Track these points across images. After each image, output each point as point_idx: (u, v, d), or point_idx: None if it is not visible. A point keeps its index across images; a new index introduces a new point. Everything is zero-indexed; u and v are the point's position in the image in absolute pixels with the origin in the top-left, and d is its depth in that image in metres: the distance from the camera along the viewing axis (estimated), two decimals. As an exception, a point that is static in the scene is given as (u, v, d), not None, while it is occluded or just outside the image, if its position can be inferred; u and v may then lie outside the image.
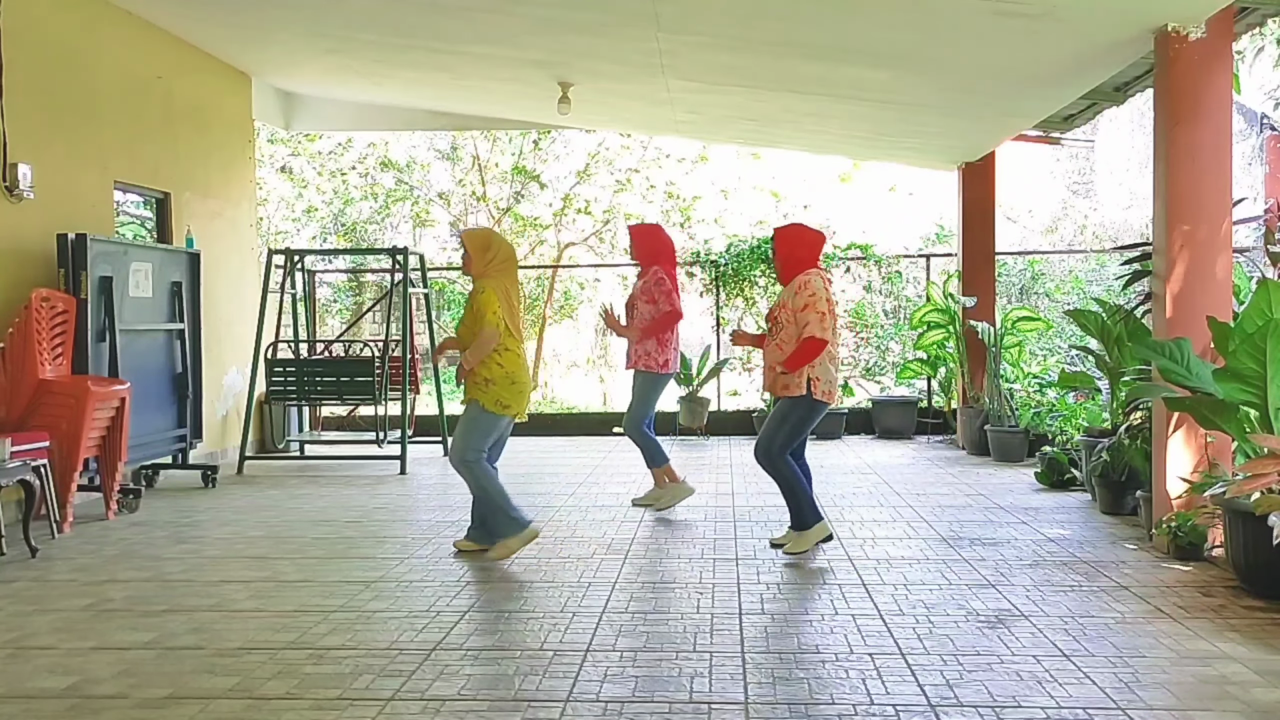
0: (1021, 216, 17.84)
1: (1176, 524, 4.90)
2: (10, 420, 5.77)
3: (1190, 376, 4.77)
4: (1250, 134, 13.70)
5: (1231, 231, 5.17)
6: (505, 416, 5.10)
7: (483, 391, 5.04)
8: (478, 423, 5.06)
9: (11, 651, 3.76)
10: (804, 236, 5.24)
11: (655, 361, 6.28)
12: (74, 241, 6.39)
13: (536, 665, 3.54)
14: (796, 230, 5.29)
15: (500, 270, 5.11)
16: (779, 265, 5.25)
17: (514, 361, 5.09)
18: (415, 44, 7.46)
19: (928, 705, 3.16)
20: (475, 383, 5.07)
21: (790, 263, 5.17)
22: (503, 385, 5.04)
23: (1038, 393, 8.86)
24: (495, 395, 5.03)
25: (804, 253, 5.17)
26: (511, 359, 5.08)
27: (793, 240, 5.22)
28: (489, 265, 5.10)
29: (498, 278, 5.09)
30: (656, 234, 6.58)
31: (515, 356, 5.10)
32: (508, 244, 5.26)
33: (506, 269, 5.15)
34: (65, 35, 6.77)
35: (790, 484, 5.09)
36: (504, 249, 5.19)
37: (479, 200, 14.97)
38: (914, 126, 8.59)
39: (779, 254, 5.24)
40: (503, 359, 5.05)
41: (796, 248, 5.18)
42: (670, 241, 6.59)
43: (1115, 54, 5.74)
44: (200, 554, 5.34)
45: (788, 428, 5.04)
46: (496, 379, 5.03)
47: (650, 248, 6.45)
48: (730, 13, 5.81)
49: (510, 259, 5.19)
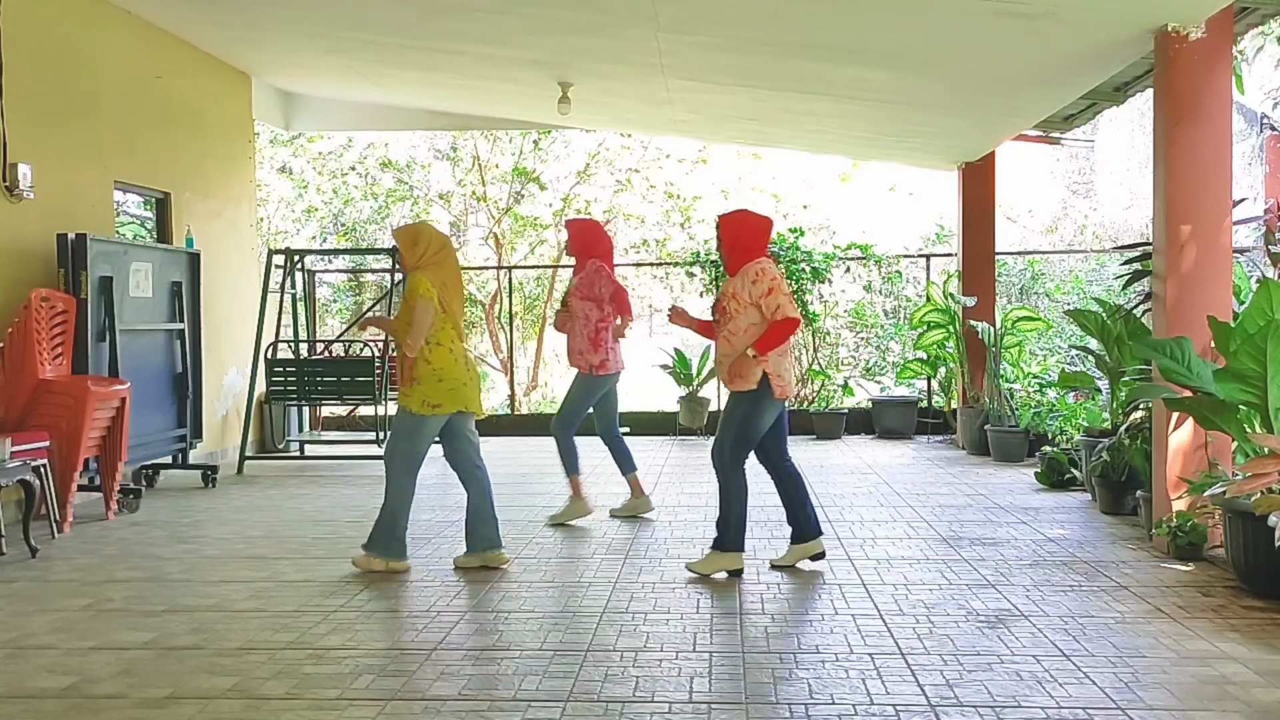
0: (1021, 216, 17.83)
1: (1176, 524, 4.90)
2: (10, 420, 5.77)
3: (1191, 376, 4.77)
4: (1250, 134, 13.69)
5: (1231, 231, 5.17)
6: (437, 416, 4.82)
7: (408, 394, 4.80)
8: (404, 424, 4.84)
9: (11, 651, 3.76)
10: (750, 223, 4.90)
11: (585, 363, 6.01)
12: (74, 241, 6.39)
13: (536, 665, 3.54)
14: (742, 216, 4.95)
15: (434, 262, 4.87)
16: (725, 253, 4.88)
17: (444, 358, 4.80)
18: (415, 44, 7.46)
19: (928, 705, 3.16)
20: (403, 382, 4.84)
21: (737, 250, 4.83)
22: (429, 383, 4.77)
23: (1038, 393, 8.85)
24: (421, 395, 4.77)
25: (750, 240, 4.85)
26: (441, 355, 4.80)
27: (738, 227, 4.87)
28: (421, 259, 4.86)
29: (433, 270, 4.86)
30: (594, 229, 6.33)
31: (446, 352, 4.81)
32: (440, 236, 5.01)
33: (441, 261, 4.90)
34: (65, 35, 6.77)
35: (732, 496, 4.77)
36: (435, 241, 4.93)
37: (479, 200, 14.96)
38: (914, 126, 8.59)
39: (725, 242, 4.87)
40: (432, 355, 4.78)
41: (742, 235, 4.84)
42: (609, 239, 6.32)
43: (1115, 54, 5.74)
44: (200, 554, 5.34)
45: (735, 424, 4.74)
46: (422, 377, 4.77)
47: (587, 240, 6.16)
48: (730, 13, 5.81)
49: (444, 250, 4.94)
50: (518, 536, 5.67)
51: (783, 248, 10.57)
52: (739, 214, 4.98)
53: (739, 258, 4.82)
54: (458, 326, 4.92)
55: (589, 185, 14.80)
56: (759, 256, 4.83)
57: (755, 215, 4.97)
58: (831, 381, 10.64)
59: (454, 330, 4.88)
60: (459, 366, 4.86)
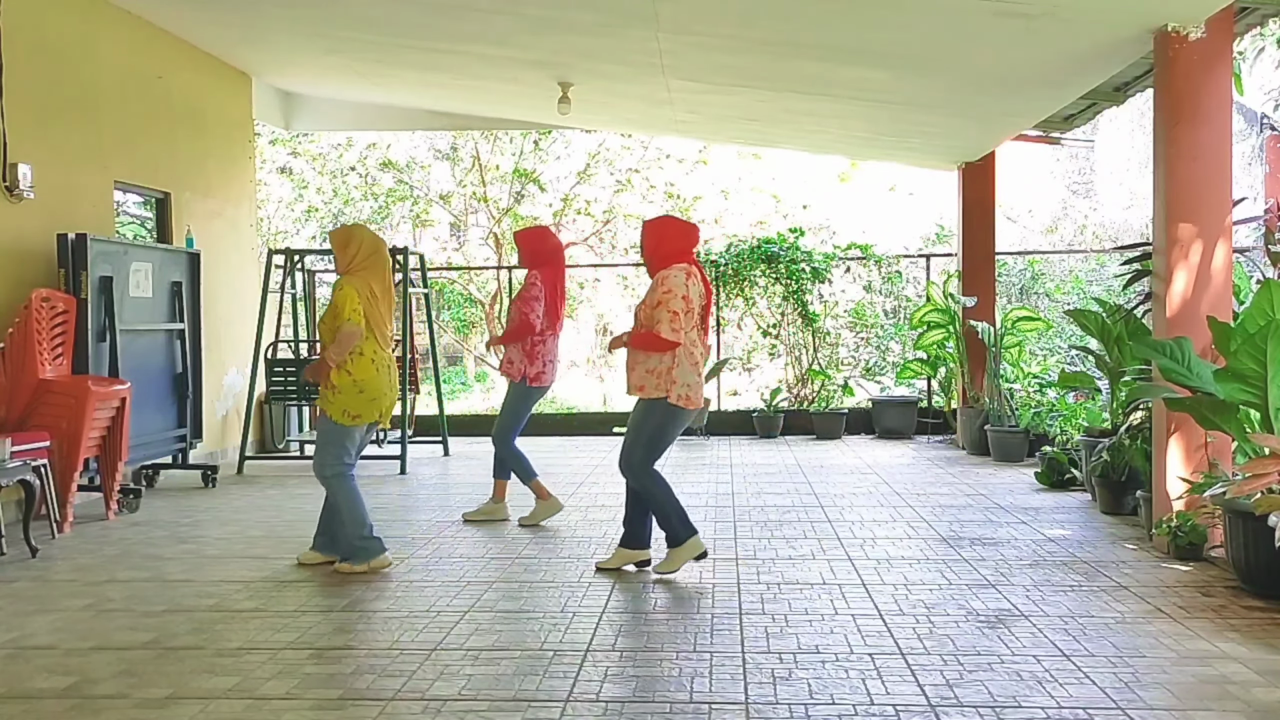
0: (1021, 216, 17.84)
1: (1176, 524, 4.90)
2: (10, 420, 5.77)
3: (1191, 376, 4.77)
4: (1250, 134, 13.70)
5: (1232, 231, 5.17)
6: (357, 427, 4.84)
7: (329, 401, 4.80)
8: (328, 435, 4.84)
9: (12, 651, 3.76)
10: (669, 229, 4.86)
11: (517, 372, 5.96)
12: (74, 241, 6.40)
13: (536, 665, 3.54)
14: (663, 222, 4.92)
15: (365, 266, 4.85)
16: (646, 259, 4.86)
17: (364, 368, 4.79)
18: (415, 44, 7.46)
19: (928, 705, 3.16)
20: (324, 389, 4.83)
21: (655, 257, 4.79)
22: (349, 394, 4.78)
23: (1038, 393, 8.86)
24: (341, 405, 4.78)
25: (669, 247, 4.79)
26: (362, 365, 4.79)
27: (658, 233, 4.83)
28: (352, 262, 4.85)
29: (362, 275, 4.83)
30: (542, 237, 6.21)
31: (368, 362, 4.80)
32: (372, 239, 4.96)
33: (372, 265, 4.87)
34: (65, 35, 6.78)
35: (657, 499, 4.76)
36: (367, 244, 4.90)
37: (479, 201, 14.97)
38: (914, 126, 8.59)
39: (645, 248, 4.85)
40: (353, 365, 4.77)
41: (661, 241, 4.80)
42: (557, 244, 6.23)
43: (1115, 54, 5.74)
44: (200, 554, 5.34)
45: (647, 434, 4.72)
46: (342, 387, 4.77)
47: (532, 250, 6.08)
48: (730, 13, 5.81)
49: (375, 253, 4.90)
50: (517, 537, 5.68)
51: (783, 248, 10.59)
52: (660, 220, 4.97)
53: (657, 264, 4.81)
54: (383, 335, 4.91)
55: (589, 185, 14.82)
56: (677, 263, 4.78)
57: (677, 221, 4.98)
58: (831, 381, 10.64)
59: (378, 339, 4.88)
60: (380, 377, 4.87)
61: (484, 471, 8.18)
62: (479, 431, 10.70)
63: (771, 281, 10.72)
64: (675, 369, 4.69)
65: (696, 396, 4.77)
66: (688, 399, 4.72)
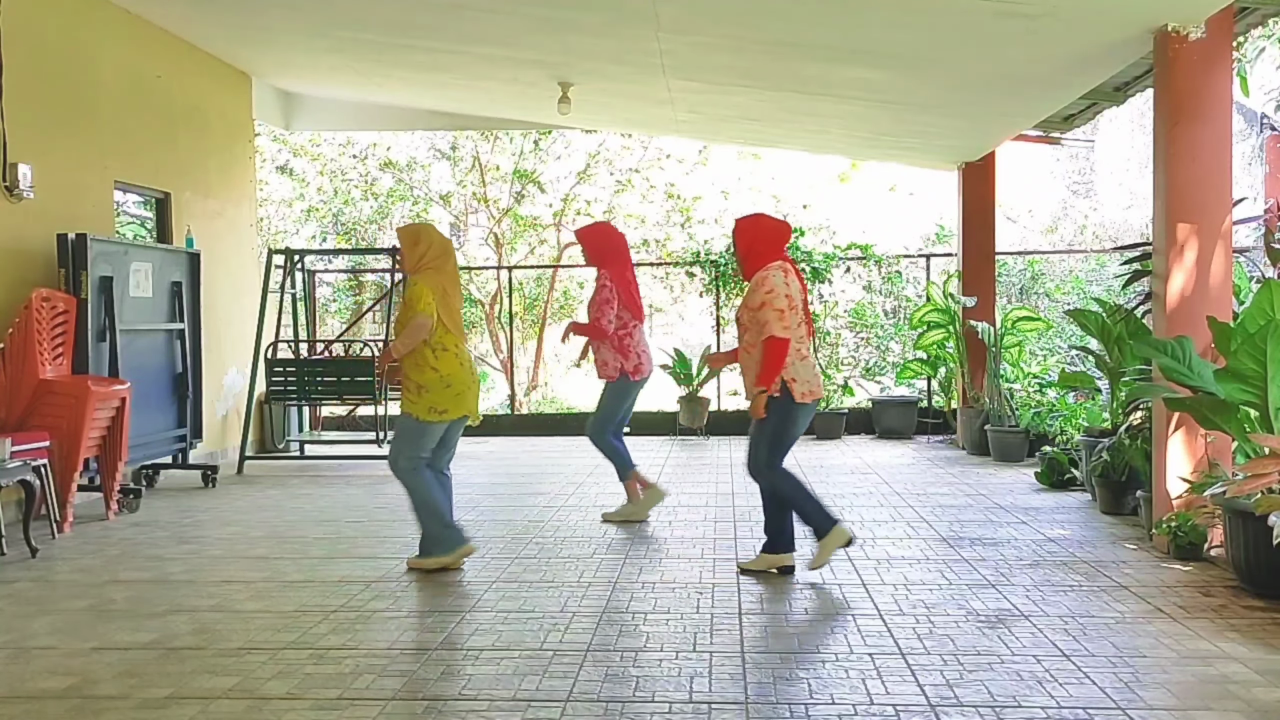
0: (1021, 216, 17.84)
1: (1176, 524, 4.90)
2: (10, 420, 5.77)
3: (1191, 376, 4.77)
4: (1250, 134, 13.70)
5: (1232, 231, 5.17)
6: (442, 423, 4.84)
7: (413, 401, 4.80)
8: (408, 431, 4.84)
9: (12, 652, 3.76)
10: (763, 227, 4.81)
11: (615, 371, 5.96)
12: (74, 241, 6.40)
13: (536, 665, 3.55)
14: (755, 221, 4.86)
15: (435, 265, 4.86)
16: (740, 260, 4.83)
17: (450, 364, 4.81)
18: (415, 44, 7.46)
19: (928, 705, 3.16)
20: (407, 390, 4.83)
21: (750, 257, 4.76)
22: (437, 391, 4.78)
23: (1038, 393, 8.86)
24: (429, 403, 4.78)
25: (763, 246, 4.76)
26: (448, 361, 4.81)
27: (751, 232, 4.79)
28: (421, 260, 4.85)
29: (432, 274, 4.84)
30: (606, 234, 6.14)
31: (452, 357, 4.82)
32: (442, 239, 4.98)
33: (441, 264, 4.88)
34: (65, 35, 6.78)
35: (791, 495, 4.72)
36: (437, 243, 4.91)
37: (479, 201, 14.96)
38: (914, 126, 8.59)
39: (739, 248, 4.81)
40: (438, 361, 4.79)
41: (756, 240, 4.76)
42: (621, 238, 6.16)
43: (1115, 54, 5.74)
44: (201, 554, 5.34)
45: (769, 434, 4.69)
46: (430, 385, 4.77)
47: (598, 248, 6.04)
48: (730, 13, 5.81)
49: (445, 254, 4.91)
50: (517, 536, 5.68)
51: (783, 248, 10.58)
52: (752, 218, 4.90)
53: (752, 263, 4.76)
54: (461, 331, 4.93)
55: (589, 185, 14.81)
56: (771, 261, 4.73)
57: (769, 219, 4.89)
58: (831, 381, 10.64)
59: (457, 335, 4.89)
60: (464, 372, 4.88)
61: (484, 471, 8.18)
62: (478, 431, 10.70)
63: (771, 281, 10.70)
64: (790, 366, 4.62)
65: (816, 389, 4.73)
66: (806, 393, 4.67)
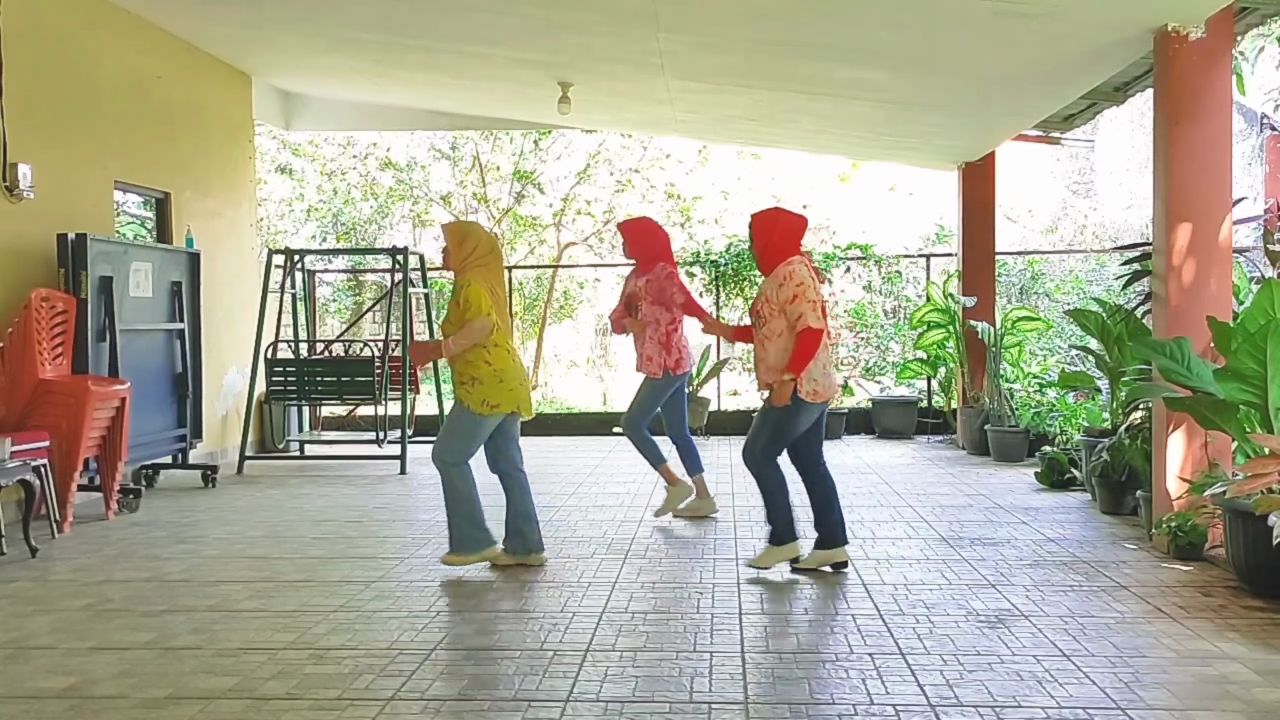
0: (1021, 216, 17.83)
1: (1176, 524, 4.90)
2: (10, 420, 5.77)
3: (1191, 376, 4.77)
4: (1250, 134, 13.70)
5: (1231, 231, 5.17)
6: (494, 416, 4.83)
7: (468, 392, 4.80)
8: (461, 423, 4.83)
9: (11, 652, 3.76)
10: (782, 221, 4.82)
11: (659, 367, 5.96)
12: (74, 241, 6.40)
13: (536, 665, 3.54)
14: (774, 215, 4.87)
15: (482, 263, 4.86)
16: (758, 254, 4.84)
17: (503, 359, 4.82)
18: (415, 44, 7.46)
19: (928, 705, 3.16)
20: (462, 382, 4.85)
21: (769, 251, 4.78)
22: (490, 384, 4.79)
23: (1038, 393, 8.85)
24: (482, 395, 4.78)
25: (781, 240, 4.77)
26: (501, 355, 4.81)
27: (769, 226, 4.80)
28: (469, 258, 4.83)
29: (480, 271, 4.84)
30: (650, 229, 6.13)
31: (505, 353, 4.84)
32: (489, 236, 4.99)
33: (489, 262, 4.88)
34: (65, 35, 6.78)
35: (771, 491, 4.82)
36: (484, 241, 4.91)
37: (479, 201, 14.96)
38: (914, 126, 8.59)
39: (756, 242, 4.83)
40: (492, 356, 4.79)
41: (774, 235, 4.78)
42: (665, 235, 6.18)
43: (1115, 54, 5.74)
44: (200, 554, 5.34)
45: (771, 425, 4.76)
46: (484, 378, 4.78)
47: (645, 243, 6.03)
48: (730, 13, 5.81)
49: (492, 252, 4.92)
50: (518, 536, 5.67)
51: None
52: (771, 212, 4.91)
53: (771, 258, 4.78)
54: (509, 327, 4.98)
55: (589, 185, 14.81)
56: (791, 256, 4.76)
57: (788, 214, 4.90)
58: (831, 381, 10.62)
59: (507, 332, 4.93)
60: (516, 367, 4.91)
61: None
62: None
63: (771, 281, 10.71)
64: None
65: (825, 390, 4.74)
66: (815, 394, 4.70)
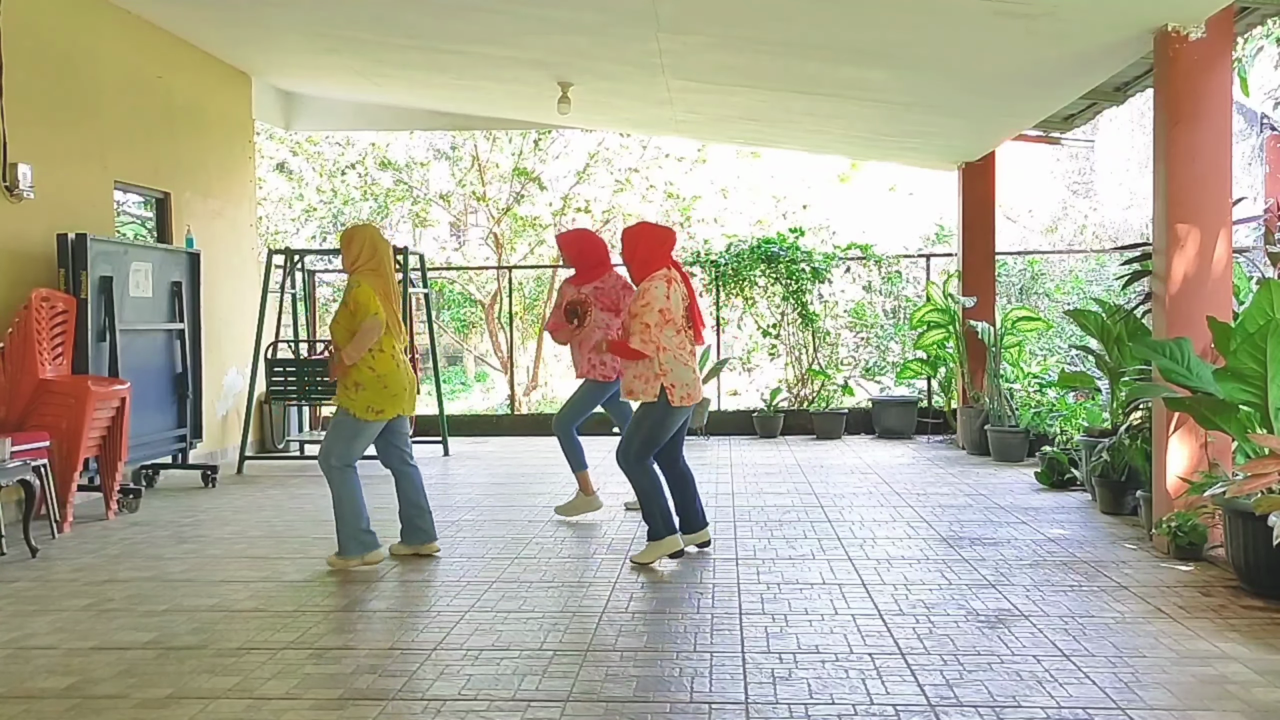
0: (1021, 216, 17.84)
1: (1176, 524, 4.90)
2: (10, 420, 5.77)
3: (1191, 376, 4.77)
4: (1250, 134, 13.70)
5: (1231, 231, 5.17)
6: (378, 422, 4.94)
7: (351, 398, 4.87)
8: (344, 428, 4.90)
9: (12, 651, 3.76)
10: (647, 235, 4.99)
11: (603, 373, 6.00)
12: (74, 241, 6.40)
13: (536, 665, 3.54)
14: (639, 230, 5.05)
15: (371, 267, 4.93)
16: (628, 267, 5.04)
17: (386, 363, 4.90)
18: (415, 44, 7.46)
19: (928, 705, 3.16)
20: (345, 387, 4.90)
21: (635, 264, 4.96)
22: (373, 390, 4.87)
23: (1038, 393, 8.86)
24: (366, 401, 4.87)
25: (647, 252, 4.94)
26: (384, 360, 4.90)
27: (635, 240, 4.99)
28: (356, 261, 4.92)
29: (371, 275, 4.91)
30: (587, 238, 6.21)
31: (389, 358, 4.91)
32: (376, 238, 5.02)
33: (378, 267, 4.95)
34: (65, 35, 6.78)
35: (646, 492, 4.96)
36: (369, 244, 4.96)
37: (479, 200, 14.96)
38: (914, 126, 8.59)
39: (624, 255, 5.01)
40: (375, 361, 4.87)
41: (639, 248, 4.96)
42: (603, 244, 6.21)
43: (1115, 54, 5.74)
44: (201, 554, 5.34)
45: (644, 431, 4.93)
46: (366, 383, 4.86)
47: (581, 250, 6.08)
48: (730, 13, 5.81)
49: (376, 254, 4.96)
50: (517, 536, 5.67)
51: (783, 247, 10.59)
52: (637, 227, 5.09)
53: (636, 270, 4.98)
54: (398, 332, 5.03)
55: (588, 185, 14.81)
56: (657, 269, 4.93)
57: (654, 227, 5.10)
58: (831, 381, 10.64)
59: (394, 336, 4.99)
60: (400, 372, 5.00)
61: (484, 471, 8.18)
62: (478, 431, 10.72)
63: (771, 281, 10.72)
64: (666, 374, 4.86)
65: (694, 393, 4.97)
66: (686, 397, 4.94)
